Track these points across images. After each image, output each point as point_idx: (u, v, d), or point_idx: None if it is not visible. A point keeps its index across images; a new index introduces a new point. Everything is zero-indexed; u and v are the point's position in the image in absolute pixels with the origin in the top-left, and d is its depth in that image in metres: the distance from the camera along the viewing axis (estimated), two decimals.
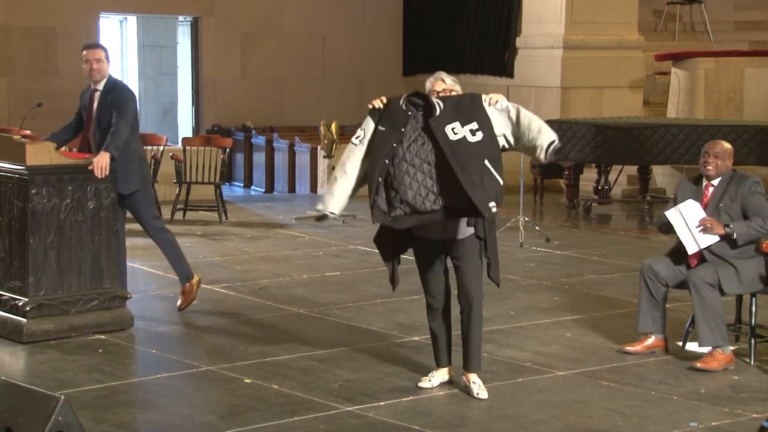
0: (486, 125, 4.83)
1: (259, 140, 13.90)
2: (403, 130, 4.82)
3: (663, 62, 13.42)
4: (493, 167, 4.77)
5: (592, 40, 12.98)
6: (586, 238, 9.87)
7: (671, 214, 5.74)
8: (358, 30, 15.52)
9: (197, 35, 14.74)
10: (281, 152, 13.52)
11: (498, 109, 4.90)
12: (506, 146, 4.95)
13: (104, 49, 6.38)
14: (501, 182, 4.81)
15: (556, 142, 4.87)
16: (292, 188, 13.28)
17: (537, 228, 9.49)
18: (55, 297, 5.94)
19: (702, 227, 5.62)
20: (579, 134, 10.98)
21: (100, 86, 6.27)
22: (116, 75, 6.52)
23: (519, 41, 13.62)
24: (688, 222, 5.66)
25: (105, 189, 6.05)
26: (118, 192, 6.12)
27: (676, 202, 5.83)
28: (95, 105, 6.27)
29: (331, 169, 10.63)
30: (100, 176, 5.94)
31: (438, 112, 4.84)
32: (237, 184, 14.09)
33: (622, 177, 11.97)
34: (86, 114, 6.33)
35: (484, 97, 4.92)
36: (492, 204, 4.74)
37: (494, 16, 14.30)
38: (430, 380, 5.12)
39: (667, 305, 5.88)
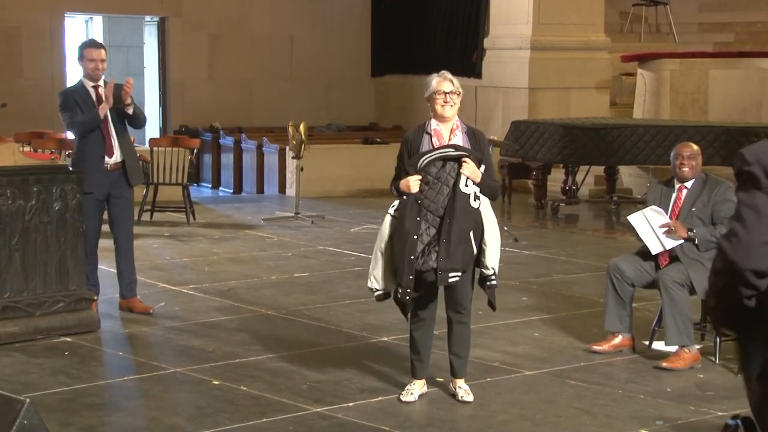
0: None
1: (227, 141, 13.84)
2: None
3: (629, 63, 13.52)
4: (474, 240, 4.84)
5: (559, 42, 13.04)
6: (553, 238, 9.91)
7: (634, 218, 5.76)
8: (327, 30, 15.49)
9: (164, 36, 14.64)
10: (249, 153, 13.47)
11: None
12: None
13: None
14: (475, 251, 4.85)
15: (494, 279, 4.91)
16: (260, 189, 13.23)
17: (505, 228, 9.51)
18: (20, 299, 5.88)
19: (666, 230, 5.67)
20: (546, 135, 11.05)
21: (101, 82, 6.44)
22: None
23: (487, 42, 13.66)
24: (653, 224, 5.70)
25: (71, 190, 6.01)
26: (128, 185, 6.45)
27: (647, 206, 5.86)
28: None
29: (300, 170, 10.61)
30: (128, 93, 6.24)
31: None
32: (205, 185, 14.01)
33: (589, 177, 12.03)
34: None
35: (465, 168, 4.85)
36: (453, 276, 4.78)
37: (462, 17, 14.34)
38: (411, 393, 5.04)
39: (633, 304, 5.92)
